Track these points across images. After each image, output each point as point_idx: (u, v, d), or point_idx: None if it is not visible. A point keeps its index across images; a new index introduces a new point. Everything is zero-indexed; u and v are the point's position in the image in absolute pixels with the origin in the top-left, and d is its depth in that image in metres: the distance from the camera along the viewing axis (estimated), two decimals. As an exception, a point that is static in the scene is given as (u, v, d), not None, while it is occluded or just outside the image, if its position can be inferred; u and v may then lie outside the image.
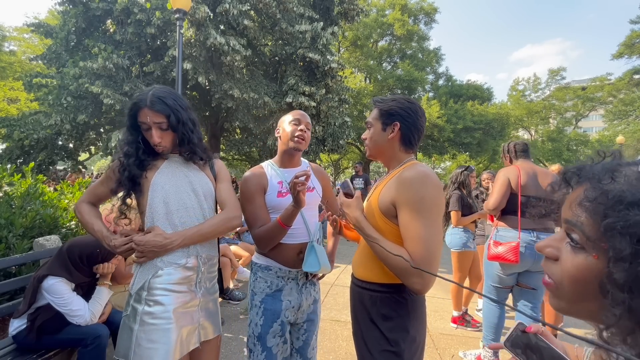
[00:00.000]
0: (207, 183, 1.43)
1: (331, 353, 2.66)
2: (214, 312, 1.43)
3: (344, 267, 5.46)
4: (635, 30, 18.04)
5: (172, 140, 1.36)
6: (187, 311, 1.30)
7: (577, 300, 0.43)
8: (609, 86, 21.46)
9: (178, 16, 5.24)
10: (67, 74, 8.89)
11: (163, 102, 1.30)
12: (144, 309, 1.25)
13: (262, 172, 1.54)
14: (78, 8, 9.21)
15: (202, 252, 1.36)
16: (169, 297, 1.26)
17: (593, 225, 0.40)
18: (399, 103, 1.24)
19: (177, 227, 1.32)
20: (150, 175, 1.35)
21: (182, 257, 1.31)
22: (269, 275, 1.49)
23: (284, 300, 1.46)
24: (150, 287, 1.27)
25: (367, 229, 1.14)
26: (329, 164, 21.44)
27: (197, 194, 1.38)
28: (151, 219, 1.31)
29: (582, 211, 0.41)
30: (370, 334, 1.20)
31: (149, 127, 1.31)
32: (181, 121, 1.33)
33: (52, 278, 1.80)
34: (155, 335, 1.22)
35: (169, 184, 1.35)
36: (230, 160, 15.97)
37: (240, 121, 9.92)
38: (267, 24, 10.01)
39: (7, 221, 2.48)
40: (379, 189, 1.23)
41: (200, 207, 1.38)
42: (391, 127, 1.23)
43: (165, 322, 1.24)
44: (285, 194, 1.50)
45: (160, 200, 1.32)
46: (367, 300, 1.22)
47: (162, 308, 1.25)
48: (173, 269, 1.29)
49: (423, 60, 21.06)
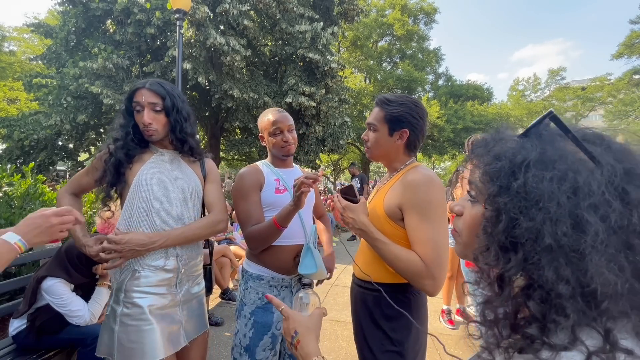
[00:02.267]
0: (195, 181, 1.39)
1: (331, 353, 2.66)
2: (199, 311, 1.40)
3: (344, 267, 5.45)
4: (635, 30, 18.05)
5: (164, 126, 1.32)
6: (167, 312, 1.27)
7: (472, 244, 0.52)
8: (609, 86, 21.46)
9: (178, 16, 5.24)
10: (67, 74, 8.90)
11: (161, 85, 1.31)
12: (122, 311, 1.22)
13: (258, 169, 1.49)
14: (78, 8, 9.21)
15: (183, 253, 1.33)
16: (146, 299, 1.24)
17: (481, 180, 0.49)
18: (408, 108, 1.20)
19: (157, 226, 1.28)
20: (136, 168, 1.30)
21: (160, 259, 1.27)
22: (260, 285, 1.40)
23: (275, 313, 1.38)
24: (127, 289, 1.24)
25: (375, 233, 1.13)
26: (329, 164, 21.44)
27: (183, 191, 1.34)
28: (129, 214, 1.27)
29: (476, 170, 0.51)
30: (372, 334, 1.20)
31: (142, 107, 1.27)
32: (176, 107, 1.31)
33: (51, 279, 1.80)
34: (136, 336, 1.20)
35: (154, 179, 1.30)
36: (230, 160, 15.96)
37: (240, 121, 9.93)
38: (267, 24, 10.02)
39: (7, 221, 2.48)
40: (382, 193, 1.23)
41: (184, 205, 1.33)
42: (399, 133, 1.21)
43: (145, 323, 1.21)
44: (283, 190, 1.45)
45: (143, 196, 1.27)
46: (370, 300, 1.22)
47: (139, 310, 1.22)
48: (151, 271, 1.25)
49: (423, 61, 21.08)
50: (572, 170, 0.42)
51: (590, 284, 0.39)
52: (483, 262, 0.48)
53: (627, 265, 0.39)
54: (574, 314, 0.39)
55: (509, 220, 0.44)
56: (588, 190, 0.41)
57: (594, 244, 0.39)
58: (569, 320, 0.40)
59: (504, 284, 0.46)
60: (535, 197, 0.42)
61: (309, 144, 10.51)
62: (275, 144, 1.48)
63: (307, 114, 9.92)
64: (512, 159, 0.46)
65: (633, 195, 0.41)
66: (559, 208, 0.41)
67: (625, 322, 0.40)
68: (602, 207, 0.40)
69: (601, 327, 0.39)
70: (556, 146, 0.45)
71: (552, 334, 0.41)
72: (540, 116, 0.49)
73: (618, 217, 0.40)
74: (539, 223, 0.41)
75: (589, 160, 0.43)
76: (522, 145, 0.47)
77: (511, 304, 0.45)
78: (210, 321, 3.13)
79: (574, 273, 0.40)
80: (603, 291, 0.39)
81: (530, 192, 0.43)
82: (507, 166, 0.46)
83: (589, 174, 0.42)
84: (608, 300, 0.39)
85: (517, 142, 0.48)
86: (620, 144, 0.46)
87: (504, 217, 0.44)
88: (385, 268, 1.18)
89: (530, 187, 0.43)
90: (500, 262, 0.45)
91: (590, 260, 0.39)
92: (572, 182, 0.42)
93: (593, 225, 0.39)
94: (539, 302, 0.42)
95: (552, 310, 0.41)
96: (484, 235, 0.48)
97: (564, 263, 0.40)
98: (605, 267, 0.39)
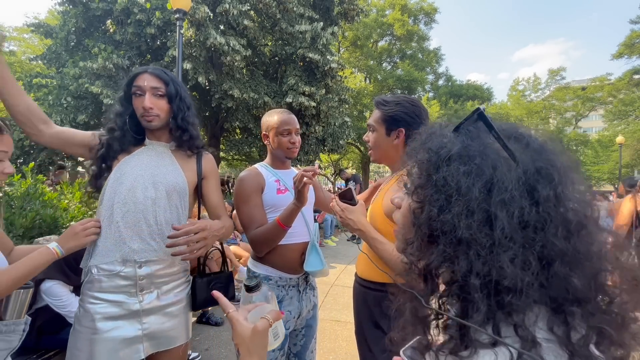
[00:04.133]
0: (177, 178, 1.27)
1: (331, 353, 2.66)
2: (176, 320, 1.25)
3: (344, 267, 5.46)
4: (635, 30, 18.04)
5: (166, 113, 1.24)
6: (122, 322, 1.16)
7: (405, 237, 0.52)
8: (609, 86, 21.46)
9: (178, 16, 5.24)
10: (67, 74, 8.90)
11: (164, 72, 1.27)
12: (76, 314, 1.18)
13: (258, 171, 1.48)
14: (78, 8, 9.21)
15: (145, 259, 1.19)
16: (97, 305, 1.14)
17: (412, 172, 0.51)
18: (404, 107, 1.22)
19: (118, 222, 1.17)
20: (120, 159, 1.23)
21: (116, 263, 1.16)
22: (268, 286, 1.38)
23: (284, 312, 1.39)
24: (83, 292, 1.18)
25: (372, 232, 1.14)
26: (328, 164, 21.44)
27: (157, 188, 1.22)
28: (100, 206, 1.20)
29: (413, 164, 0.52)
30: (372, 334, 1.20)
31: (144, 91, 1.19)
32: (179, 94, 1.26)
33: (49, 281, 1.81)
34: (80, 344, 1.13)
35: (129, 172, 1.21)
36: (230, 160, 15.96)
37: (240, 121, 9.92)
38: (267, 24, 10.01)
39: (7, 221, 2.47)
40: (383, 193, 1.24)
41: (153, 203, 1.21)
42: (396, 132, 1.23)
43: (91, 331, 1.12)
44: (285, 191, 1.45)
45: (112, 188, 1.19)
46: (371, 300, 1.23)
47: (89, 316, 1.13)
48: (104, 276, 1.16)
49: (423, 60, 21.08)
50: (489, 166, 0.43)
51: (495, 278, 0.40)
52: (409, 254, 0.50)
53: (532, 261, 0.40)
54: (485, 307, 0.40)
55: (430, 211, 0.45)
56: (501, 187, 0.42)
57: (500, 239, 0.40)
58: (480, 314, 0.40)
59: (428, 276, 0.47)
60: (452, 190, 0.44)
61: (309, 144, 10.51)
62: (282, 145, 1.47)
63: (307, 114, 9.91)
64: (438, 152, 0.47)
65: (541, 193, 0.42)
66: (472, 202, 0.42)
67: (535, 316, 0.41)
68: (512, 203, 0.41)
69: (510, 322, 0.40)
70: (480, 142, 0.46)
71: (472, 331, 0.41)
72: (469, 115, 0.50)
73: (525, 214, 0.41)
74: (455, 215, 0.43)
75: (508, 158, 0.44)
76: (451, 140, 0.48)
77: (437, 301, 0.46)
78: (210, 321, 3.13)
79: (484, 266, 0.41)
80: (507, 285, 0.39)
81: (448, 185, 0.44)
82: (433, 159, 0.47)
83: (505, 170, 0.43)
84: (512, 294, 0.39)
85: (447, 137, 0.49)
86: (539, 142, 0.48)
87: (426, 208, 0.46)
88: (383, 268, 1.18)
89: (448, 180, 0.44)
90: (424, 254, 0.47)
91: (497, 254, 0.40)
92: (488, 178, 0.43)
93: (501, 221, 0.41)
94: (457, 297, 0.44)
95: (468, 305, 0.42)
96: (411, 227, 0.49)
97: (475, 256, 0.41)
98: (510, 262, 0.40)
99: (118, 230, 1.17)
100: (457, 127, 0.50)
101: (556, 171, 0.44)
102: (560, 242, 0.41)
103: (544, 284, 0.41)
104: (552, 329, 0.40)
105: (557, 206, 0.42)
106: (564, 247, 0.41)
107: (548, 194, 0.42)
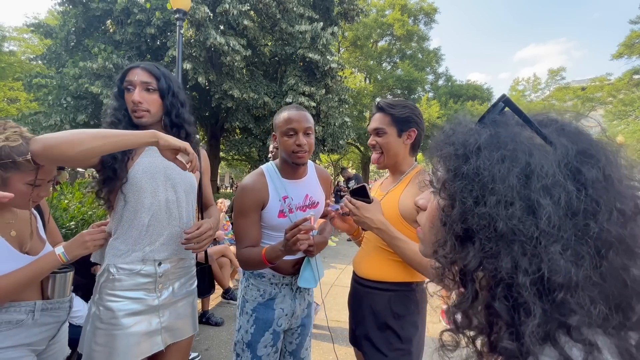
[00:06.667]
0: (188, 176, 1.29)
1: (331, 353, 2.66)
2: (187, 314, 1.33)
3: (344, 267, 5.46)
4: (635, 30, 18.04)
5: (158, 108, 1.22)
6: (143, 317, 1.21)
7: (433, 239, 0.49)
8: (609, 86, 21.45)
9: (178, 16, 5.24)
10: (67, 74, 8.90)
11: (156, 67, 1.25)
12: (94, 312, 1.19)
13: (264, 182, 1.35)
14: (78, 8, 9.21)
15: (166, 257, 1.24)
16: (119, 303, 1.18)
17: (438, 168, 0.48)
18: (412, 109, 1.28)
19: (148, 227, 1.20)
20: (134, 159, 1.21)
21: (137, 263, 1.20)
22: (261, 282, 1.40)
23: (276, 309, 1.38)
24: (100, 291, 1.19)
25: (394, 232, 1.14)
26: (328, 164, 21.44)
27: (176, 189, 1.25)
28: (120, 213, 1.19)
29: (437, 160, 0.50)
30: (378, 334, 1.22)
31: (134, 86, 1.18)
32: (172, 90, 1.24)
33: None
34: (102, 339, 1.16)
35: (146, 174, 1.20)
36: (230, 160, 15.96)
37: (240, 121, 9.93)
38: (267, 24, 10.02)
39: (6, 221, 2.47)
40: (396, 195, 1.26)
41: (177, 203, 1.25)
42: (407, 133, 1.28)
43: (113, 327, 1.15)
44: (287, 214, 1.36)
45: (133, 193, 1.18)
46: (377, 299, 1.23)
47: (110, 314, 1.16)
48: (125, 275, 1.19)
49: (423, 61, 21.07)
50: (524, 151, 0.40)
51: (547, 274, 0.36)
52: (442, 256, 0.45)
53: (587, 252, 0.36)
54: (539, 309, 0.36)
55: (463, 206, 0.42)
56: (540, 172, 0.38)
57: (547, 229, 0.36)
58: (534, 318, 0.36)
59: (466, 279, 0.43)
60: (486, 180, 0.40)
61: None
62: (287, 147, 1.29)
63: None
64: (465, 143, 0.44)
65: (587, 175, 0.38)
66: (511, 190, 0.38)
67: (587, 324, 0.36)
68: (556, 189, 0.37)
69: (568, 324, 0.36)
70: (509, 129, 0.43)
71: (528, 343, 0.36)
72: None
73: (573, 199, 0.37)
74: (491, 207, 0.39)
75: (542, 142, 0.42)
76: (477, 130, 0.45)
77: (482, 310, 0.41)
78: (210, 321, 3.12)
79: (532, 261, 0.36)
80: (559, 281, 0.35)
81: (481, 175, 0.40)
82: (460, 151, 0.44)
83: (542, 154, 0.40)
84: (564, 292, 0.35)
85: (472, 128, 0.46)
86: (574, 125, 0.45)
87: (457, 204, 0.42)
88: (394, 267, 1.21)
89: (481, 170, 0.41)
90: (459, 254, 0.43)
91: (545, 246, 0.36)
92: (524, 164, 0.39)
93: (545, 208, 0.37)
94: (504, 300, 0.38)
95: (517, 308, 0.37)
96: (442, 227, 0.46)
97: (520, 250, 0.37)
98: (561, 255, 0.36)
99: (140, 232, 1.20)
100: (481, 118, 0.47)
101: (601, 152, 0.40)
102: (616, 229, 0.36)
103: (598, 279, 0.36)
104: (607, 331, 0.36)
105: (608, 189, 0.38)
106: (621, 234, 0.36)
107: (597, 176, 0.38)
